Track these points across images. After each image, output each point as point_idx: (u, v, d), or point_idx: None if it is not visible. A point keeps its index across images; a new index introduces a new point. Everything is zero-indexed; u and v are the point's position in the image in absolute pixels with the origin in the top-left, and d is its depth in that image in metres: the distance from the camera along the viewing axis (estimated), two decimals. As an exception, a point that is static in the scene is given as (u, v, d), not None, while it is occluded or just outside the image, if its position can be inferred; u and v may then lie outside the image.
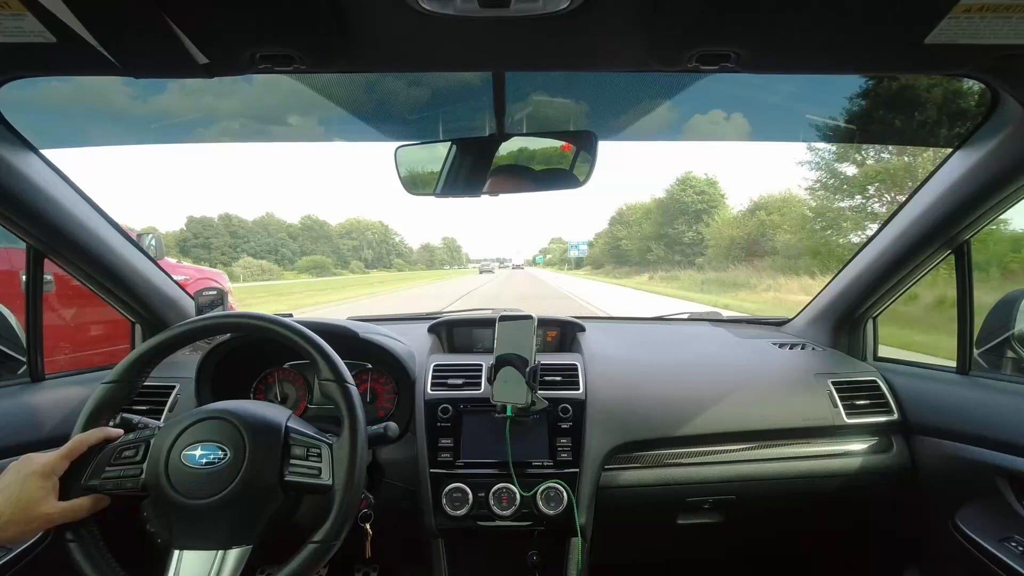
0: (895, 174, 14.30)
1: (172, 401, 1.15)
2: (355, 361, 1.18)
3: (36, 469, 0.65)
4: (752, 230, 22.27)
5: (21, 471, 0.65)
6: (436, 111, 1.23)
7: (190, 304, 1.41)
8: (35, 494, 0.64)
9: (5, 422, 1.00)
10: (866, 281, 1.29)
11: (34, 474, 0.65)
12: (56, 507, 0.65)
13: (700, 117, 1.74)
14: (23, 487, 0.64)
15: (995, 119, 0.89)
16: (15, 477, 0.65)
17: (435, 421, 1.10)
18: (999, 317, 1.18)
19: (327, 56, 0.69)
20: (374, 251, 68.00)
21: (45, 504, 0.64)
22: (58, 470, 0.67)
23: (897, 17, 0.59)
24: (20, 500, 0.63)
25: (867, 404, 1.20)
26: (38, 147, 0.96)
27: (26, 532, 0.65)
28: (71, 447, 0.68)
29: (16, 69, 0.73)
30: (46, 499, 0.65)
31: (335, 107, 1.26)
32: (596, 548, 1.09)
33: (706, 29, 0.62)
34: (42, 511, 0.64)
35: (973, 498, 1.04)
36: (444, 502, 1.03)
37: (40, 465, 0.66)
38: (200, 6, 0.56)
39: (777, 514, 1.26)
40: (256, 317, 0.78)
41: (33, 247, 1.06)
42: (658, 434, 1.13)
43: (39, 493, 0.64)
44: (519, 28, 0.63)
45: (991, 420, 1.03)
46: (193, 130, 1.79)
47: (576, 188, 1.06)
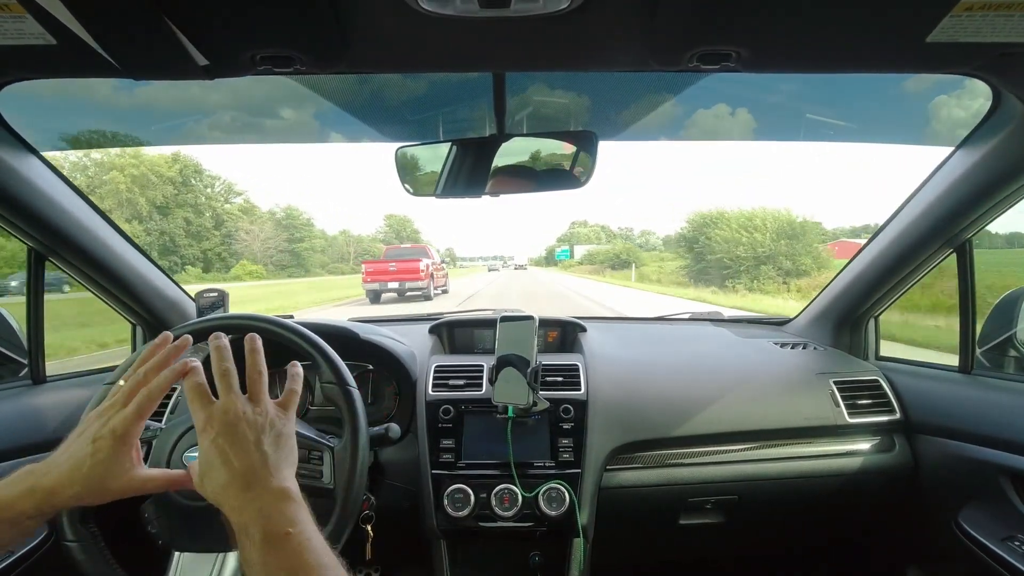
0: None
1: (173, 403, 1.15)
2: (356, 362, 1.18)
3: (105, 434, 0.53)
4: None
5: (87, 433, 0.54)
6: (436, 111, 1.23)
7: (191, 305, 1.41)
8: (113, 463, 0.53)
9: (6, 424, 1.00)
10: (867, 280, 1.29)
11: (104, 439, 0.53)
12: (140, 476, 0.55)
13: (703, 115, 1.73)
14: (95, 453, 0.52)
15: (996, 117, 0.89)
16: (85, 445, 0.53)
17: (436, 422, 1.10)
18: (1001, 316, 1.18)
19: (327, 57, 0.69)
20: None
21: (125, 473, 0.54)
22: (135, 432, 0.54)
23: (899, 15, 0.59)
24: (95, 468, 0.52)
25: (869, 403, 1.20)
26: (38, 149, 0.96)
27: (101, 502, 0.55)
28: (143, 402, 0.54)
29: (16, 71, 0.73)
30: (126, 467, 0.54)
31: (335, 107, 1.26)
32: (598, 549, 1.09)
33: (706, 29, 0.62)
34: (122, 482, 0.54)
35: (976, 497, 1.04)
36: (446, 503, 1.02)
37: (111, 428, 0.53)
38: (200, 8, 0.56)
39: (779, 514, 1.26)
40: (257, 319, 0.78)
41: (34, 249, 1.07)
42: (660, 434, 1.13)
43: (117, 462, 0.53)
44: (519, 28, 0.63)
45: (994, 419, 1.03)
46: (193, 130, 1.79)
47: (577, 189, 1.05)
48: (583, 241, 65.14)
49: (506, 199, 1.10)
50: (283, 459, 0.54)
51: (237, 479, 0.51)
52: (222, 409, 0.54)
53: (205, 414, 0.54)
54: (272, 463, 0.52)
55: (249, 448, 0.52)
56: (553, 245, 73.85)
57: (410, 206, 66.73)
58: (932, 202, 1.06)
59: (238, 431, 0.53)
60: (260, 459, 0.52)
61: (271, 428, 0.55)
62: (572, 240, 68.01)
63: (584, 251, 53.67)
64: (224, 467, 0.51)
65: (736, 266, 18.05)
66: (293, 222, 40.23)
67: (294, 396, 0.61)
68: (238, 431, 0.53)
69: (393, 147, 1.08)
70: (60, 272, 1.15)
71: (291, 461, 0.56)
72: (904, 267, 1.20)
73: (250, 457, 0.52)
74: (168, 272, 1.35)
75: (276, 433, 0.55)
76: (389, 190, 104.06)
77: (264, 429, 0.54)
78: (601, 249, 46.24)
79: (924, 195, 1.09)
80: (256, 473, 0.51)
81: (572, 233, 72.21)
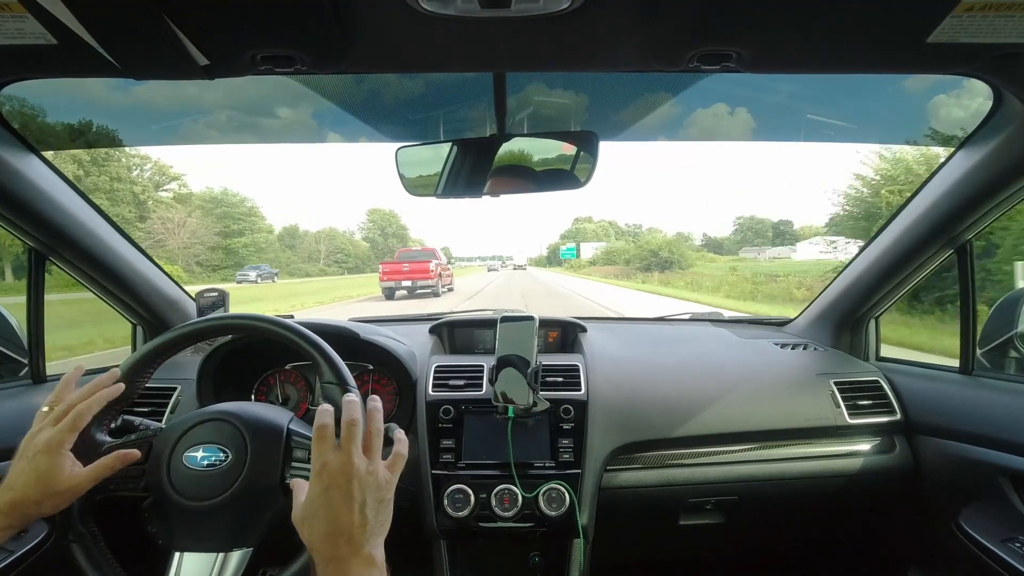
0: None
1: (173, 403, 1.15)
2: (356, 362, 1.18)
3: (40, 449, 0.62)
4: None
5: (25, 454, 0.63)
6: (437, 112, 1.23)
7: (191, 305, 1.41)
8: (52, 472, 0.61)
9: (7, 423, 1.00)
10: (868, 281, 1.28)
11: (40, 454, 0.62)
12: (80, 476, 0.63)
13: (702, 115, 1.73)
14: (37, 469, 0.61)
15: (997, 118, 0.89)
16: (26, 463, 0.62)
17: (436, 422, 1.10)
18: (1002, 317, 1.18)
19: (328, 57, 0.69)
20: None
21: (68, 478, 0.62)
22: (64, 443, 0.63)
23: (899, 16, 0.59)
24: (40, 481, 0.61)
25: (869, 404, 1.20)
26: (39, 149, 0.96)
27: (60, 504, 0.63)
28: (73, 421, 0.64)
29: (17, 71, 0.73)
30: (66, 473, 0.62)
31: (335, 108, 1.26)
32: (598, 549, 1.09)
33: (707, 29, 0.62)
34: (67, 485, 0.62)
35: (976, 498, 1.04)
36: (446, 503, 1.02)
37: (43, 444, 0.62)
38: (200, 7, 0.56)
39: (779, 515, 1.26)
40: (257, 319, 0.78)
41: (34, 249, 1.07)
42: (660, 434, 1.13)
43: (56, 471, 0.61)
44: (520, 28, 0.63)
45: (994, 420, 1.03)
46: (193, 130, 1.79)
47: (577, 189, 1.06)
48: (590, 238, 60.12)
49: (505, 197, 1.10)
50: (380, 525, 0.58)
51: (335, 535, 0.54)
52: (341, 461, 0.57)
53: (323, 460, 0.57)
54: (370, 528, 0.56)
55: (354, 508, 0.56)
56: (556, 243, 68.21)
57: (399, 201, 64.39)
58: (933, 203, 1.06)
59: (350, 488, 0.56)
60: (360, 522, 0.55)
61: (377, 491, 0.58)
62: (578, 237, 61.79)
63: (592, 249, 47.80)
64: (327, 521, 0.55)
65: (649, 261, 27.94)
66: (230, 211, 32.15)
67: (401, 460, 0.64)
68: (350, 488, 0.56)
69: (393, 147, 1.08)
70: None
71: (385, 529, 0.59)
72: (904, 268, 1.20)
73: (352, 518, 0.55)
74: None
75: (379, 499, 0.58)
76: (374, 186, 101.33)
77: (371, 491, 0.58)
78: (619, 247, 39.25)
79: (925, 196, 1.08)
80: (353, 535, 0.55)
81: (577, 229, 66.97)
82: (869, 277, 1.28)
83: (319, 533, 0.55)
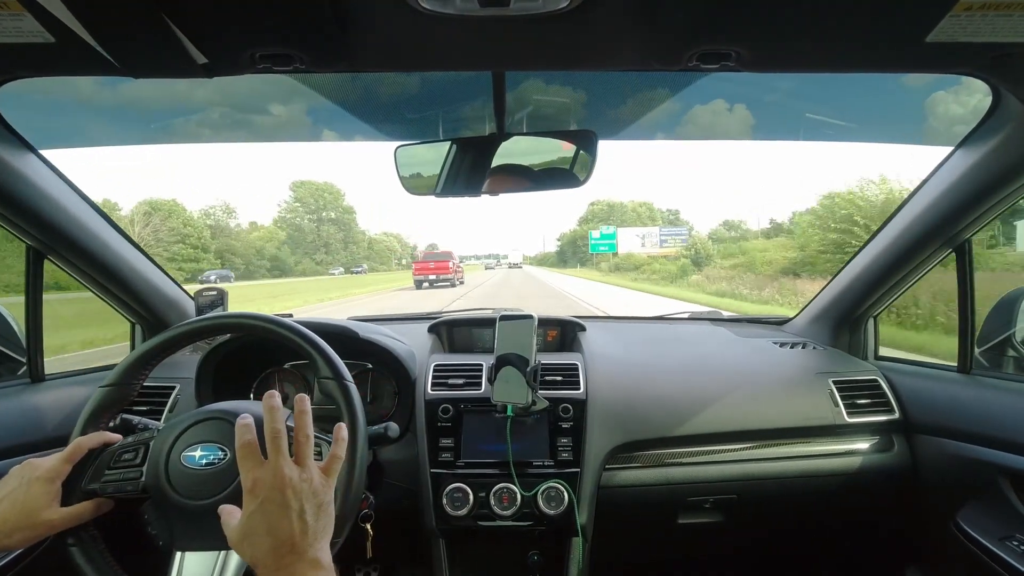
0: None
1: (172, 402, 1.15)
2: (355, 361, 1.18)
3: (40, 475, 0.64)
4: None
5: (24, 477, 0.64)
6: (436, 110, 1.23)
7: (190, 304, 1.41)
8: (39, 501, 0.63)
9: (5, 423, 1.00)
10: (867, 280, 1.29)
11: (38, 480, 0.64)
12: (59, 513, 0.64)
13: (702, 115, 1.73)
14: (27, 493, 0.63)
15: (996, 117, 0.89)
16: (19, 483, 0.64)
17: (435, 421, 1.10)
18: (1000, 316, 1.18)
19: (327, 56, 0.68)
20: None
21: (48, 510, 0.63)
22: (61, 475, 0.65)
23: (898, 15, 0.59)
24: (25, 507, 0.62)
25: (868, 403, 1.20)
26: (37, 147, 0.96)
27: (30, 539, 0.64)
28: (71, 451, 0.67)
29: (15, 69, 0.73)
30: (49, 505, 0.64)
31: (334, 106, 1.26)
32: (597, 548, 1.09)
33: (706, 28, 0.62)
34: (45, 517, 0.63)
35: (974, 497, 1.04)
36: (445, 502, 1.02)
37: (44, 471, 0.64)
38: (199, 6, 0.56)
39: (778, 513, 1.26)
40: (256, 317, 0.78)
41: (33, 247, 1.06)
42: (659, 433, 1.13)
43: (43, 500, 0.63)
44: (519, 27, 0.63)
45: (992, 419, 1.03)
46: (191, 129, 1.79)
47: (576, 188, 1.05)
48: (630, 222, 39.16)
49: (502, 196, 1.09)
50: (321, 529, 0.57)
51: (278, 547, 0.54)
52: (271, 472, 0.56)
53: (253, 476, 0.57)
54: (311, 533, 0.55)
55: (292, 517, 0.55)
56: (574, 230, 47.43)
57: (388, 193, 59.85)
58: (931, 202, 1.06)
59: (284, 498, 0.55)
60: (301, 529, 0.55)
61: (314, 497, 0.58)
62: (611, 219, 40.23)
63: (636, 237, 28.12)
64: (267, 536, 0.54)
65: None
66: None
67: (336, 462, 0.63)
68: (284, 498, 0.55)
69: (392, 146, 1.08)
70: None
71: (328, 531, 0.59)
72: (903, 267, 1.20)
73: (292, 526, 0.54)
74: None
75: (318, 504, 0.58)
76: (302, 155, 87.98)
77: (308, 497, 0.57)
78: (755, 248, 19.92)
79: (924, 195, 1.09)
80: (295, 543, 0.54)
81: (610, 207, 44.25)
82: (868, 276, 1.28)
83: (263, 549, 0.54)
